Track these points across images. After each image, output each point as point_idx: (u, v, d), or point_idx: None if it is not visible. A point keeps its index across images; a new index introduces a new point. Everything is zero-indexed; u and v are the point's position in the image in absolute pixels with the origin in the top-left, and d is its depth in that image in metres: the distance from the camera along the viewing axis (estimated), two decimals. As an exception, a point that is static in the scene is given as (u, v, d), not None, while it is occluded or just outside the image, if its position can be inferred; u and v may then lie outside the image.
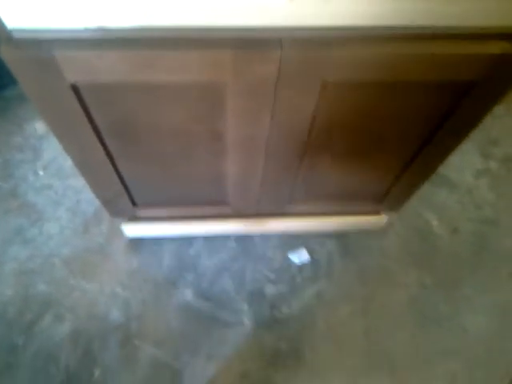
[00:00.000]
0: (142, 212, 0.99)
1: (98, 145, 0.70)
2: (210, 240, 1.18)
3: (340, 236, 1.19)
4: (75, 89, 0.60)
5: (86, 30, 0.53)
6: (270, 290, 1.12)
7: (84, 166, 0.77)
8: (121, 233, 1.10)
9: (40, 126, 1.28)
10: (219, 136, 0.72)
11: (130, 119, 0.67)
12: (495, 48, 0.56)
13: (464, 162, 1.27)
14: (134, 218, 1.08)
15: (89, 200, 1.20)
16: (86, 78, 0.58)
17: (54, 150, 1.26)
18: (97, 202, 1.17)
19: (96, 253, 1.15)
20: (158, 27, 0.53)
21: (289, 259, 1.17)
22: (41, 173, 1.23)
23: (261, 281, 1.13)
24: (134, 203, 0.94)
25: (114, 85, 0.60)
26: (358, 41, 0.56)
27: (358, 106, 0.67)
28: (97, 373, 1.04)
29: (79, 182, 1.21)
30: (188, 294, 1.11)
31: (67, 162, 1.24)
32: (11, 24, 0.52)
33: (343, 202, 0.99)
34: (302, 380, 1.04)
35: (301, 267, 1.15)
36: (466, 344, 1.08)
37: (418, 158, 0.79)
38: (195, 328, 1.08)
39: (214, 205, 0.97)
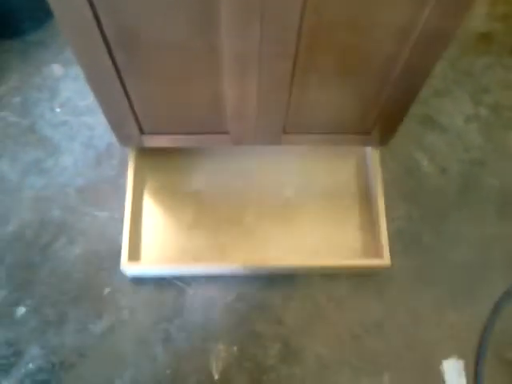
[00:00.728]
0: (147, 140, 1.06)
1: (107, 55, 0.77)
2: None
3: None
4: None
5: None
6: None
7: (94, 81, 0.84)
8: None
9: (57, 69, 1.37)
10: (215, 51, 0.78)
11: (134, 27, 0.73)
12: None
13: (455, 108, 1.33)
14: (142, 152, 1.17)
15: (101, 136, 1.29)
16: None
17: (69, 91, 1.34)
18: (109, 138, 1.27)
19: (107, 184, 1.24)
20: None
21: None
22: (57, 110, 1.32)
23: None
24: (140, 129, 1.02)
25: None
26: None
27: (341, 18, 0.72)
28: (106, 290, 1.14)
29: (93, 119, 1.30)
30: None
31: (82, 102, 1.33)
32: None
33: (333, 134, 1.06)
34: (294, 302, 1.13)
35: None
36: (448, 273, 1.16)
37: (401, 78, 0.85)
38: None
39: (215, 133, 1.04)
